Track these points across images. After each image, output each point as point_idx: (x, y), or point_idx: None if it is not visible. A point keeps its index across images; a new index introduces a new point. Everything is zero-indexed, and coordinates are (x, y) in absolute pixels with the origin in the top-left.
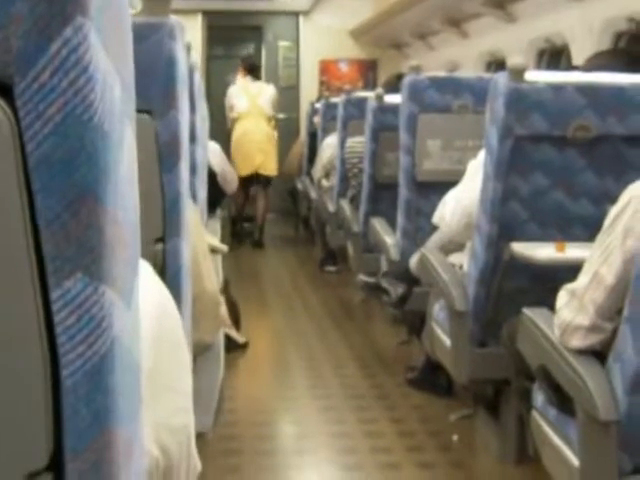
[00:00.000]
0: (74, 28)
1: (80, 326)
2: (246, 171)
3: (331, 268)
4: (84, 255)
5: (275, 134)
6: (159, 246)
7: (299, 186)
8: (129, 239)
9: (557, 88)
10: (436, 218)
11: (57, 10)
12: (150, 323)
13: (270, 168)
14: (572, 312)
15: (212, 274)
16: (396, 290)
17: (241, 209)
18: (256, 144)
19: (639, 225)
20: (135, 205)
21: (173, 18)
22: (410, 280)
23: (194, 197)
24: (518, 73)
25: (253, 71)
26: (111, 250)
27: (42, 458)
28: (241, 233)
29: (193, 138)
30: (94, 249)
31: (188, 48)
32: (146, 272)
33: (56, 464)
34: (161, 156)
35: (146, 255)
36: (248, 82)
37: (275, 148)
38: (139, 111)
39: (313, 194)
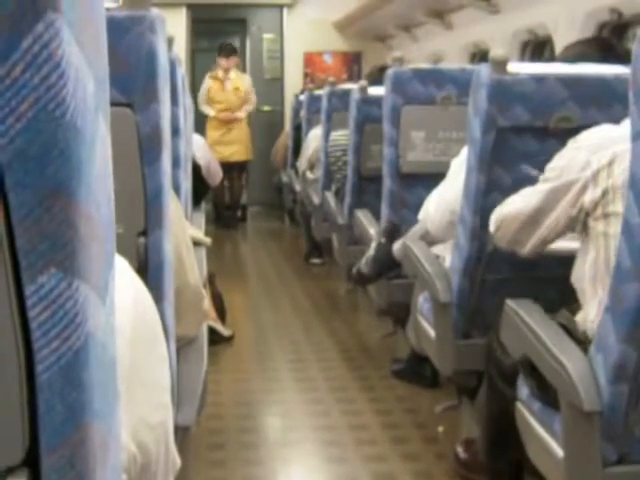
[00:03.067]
0: (45, 23)
1: (54, 321)
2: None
3: (316, 260)
4: (58, 250)
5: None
6: (141, 239)
7: (284, 179)
8: (103, 234)
9: (539, 80)
10: (421, 215)
11: (28, 6)
12: (127, 319)
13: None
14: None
15: (195, 267)
16: (369, 267)
17: (238, 196)
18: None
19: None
20: (109, 200)
21: (154, 11)
22: (387, 264)
23: (177, 190)
24: (500, 65)
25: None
26: (85, 245)
27: (18, 454)
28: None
29: (176, 131)
30: (67, 244)
31: (169, 41)
32: (122, 268)
33: (32, 459)
34: (142, 149)
35: (128, 248)
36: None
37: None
38: (120, 104)
39: (298, 187)
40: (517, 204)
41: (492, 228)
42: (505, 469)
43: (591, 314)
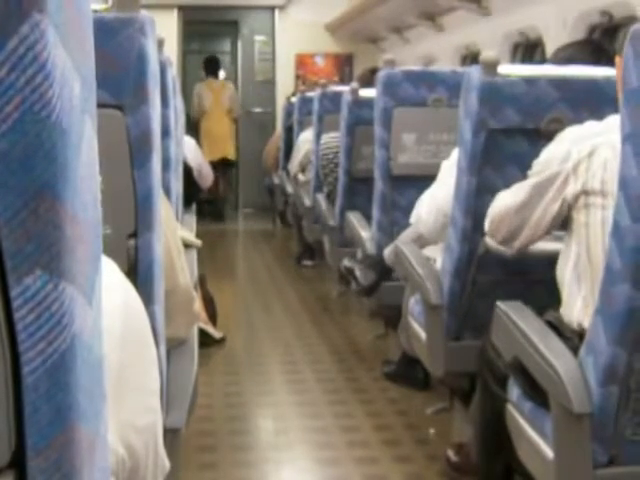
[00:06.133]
0: (31, 25)
1: (40, 323)
2: (214, 157)
3: (308, 262)
4: (43, 252)
5: (234, 126)
6: (131, 242)
7: (276, 181)
8: (89, 236)
9: (530, 81)
10: (413, 218)
11: (13, 7)
12: (116, 321)
13: (233, 153)
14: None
15: (185, 269)
16: (366, 278)
17: (215, 192)
18: (221, 134)
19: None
20: (96, 202)
21: (144, 13)
22: (382, 271)
23: (167, 192)
24: (491, 67)
25: (211, 70)
26: (71, 247)
27: (4, 456)
28: (205, 212)
29: (166, 133)
30: (53, 246)
31: (160, 43)
32: (111, 270)
33: (18, 461)
34: (132, 151)
35: (118, 251)
36: (211, 80)
37: (233, 137)
38: (110, 106)
39: (289, 189)
40: (506, 200)
41: (486, 228)
42: (497, 472)
43: (575, 308)
